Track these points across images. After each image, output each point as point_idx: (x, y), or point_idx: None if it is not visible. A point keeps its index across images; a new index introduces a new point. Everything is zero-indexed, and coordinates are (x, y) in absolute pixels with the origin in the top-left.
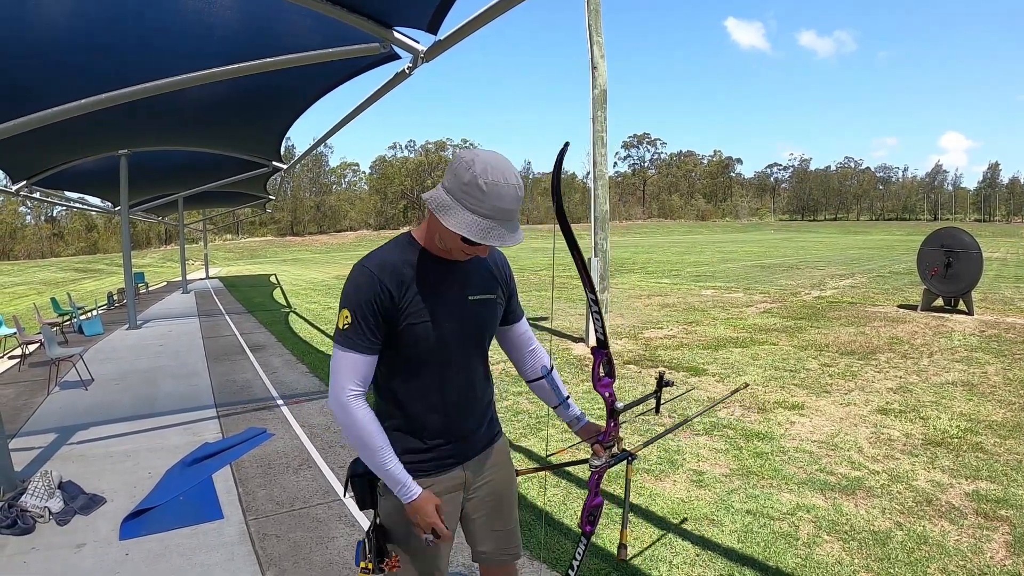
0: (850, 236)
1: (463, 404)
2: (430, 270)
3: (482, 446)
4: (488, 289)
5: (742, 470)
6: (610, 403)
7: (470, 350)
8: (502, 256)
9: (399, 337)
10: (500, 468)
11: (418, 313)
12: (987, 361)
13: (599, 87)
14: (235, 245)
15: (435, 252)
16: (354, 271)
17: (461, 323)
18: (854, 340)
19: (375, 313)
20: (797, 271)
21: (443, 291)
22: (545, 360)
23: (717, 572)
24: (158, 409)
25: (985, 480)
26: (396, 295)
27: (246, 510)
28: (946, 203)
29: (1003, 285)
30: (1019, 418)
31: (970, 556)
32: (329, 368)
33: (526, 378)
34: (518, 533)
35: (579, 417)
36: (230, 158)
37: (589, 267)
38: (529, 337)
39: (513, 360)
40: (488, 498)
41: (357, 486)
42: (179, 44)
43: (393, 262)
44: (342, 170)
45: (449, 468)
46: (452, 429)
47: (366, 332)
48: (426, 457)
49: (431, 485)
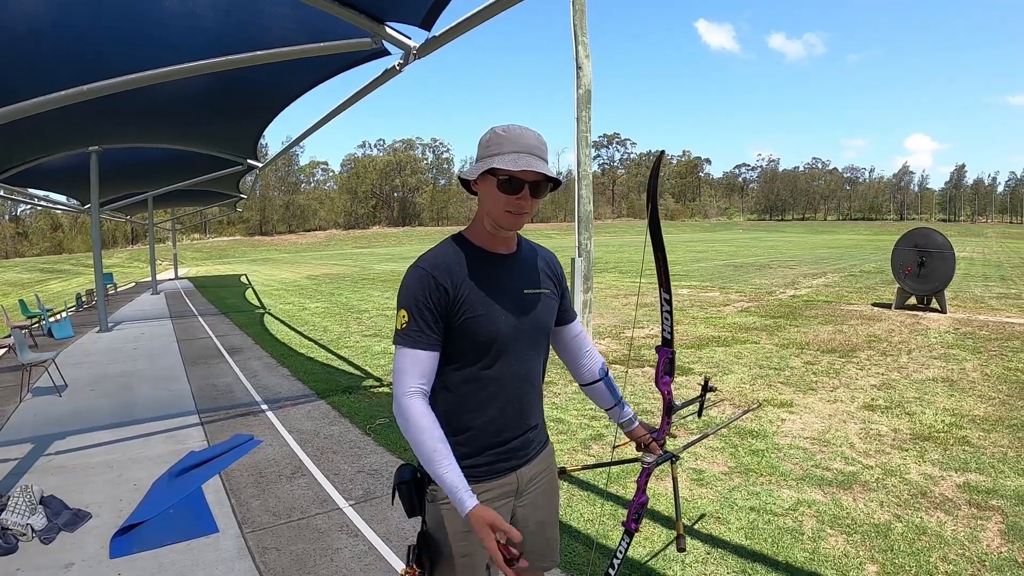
0: (818, 236)
1: (522, 400)
2: (483, 265)
3: (535, 451)
4: (542, 284)
5: (740, 468)
6: (668, 401)
7: (528, 345)
8: (551, 254)
9: (458, 333)
10: (548, 473)
11: (474, 307)
12: (964, 358)
13: (584, 87)
14: (203, 245)
15: (486, 246)
16: (407, 273)
17: (518, 316)
18: (833, 338)
19: (431, 309)
20: (769, 270)
21: (498, 284)
22: (600, 362)
23: (730, 569)
24: (138, 416)
25: (974, 472)
26: (450, 290)
27: (242, 522)
28: (912, 203)
29: (972, 284)
30: (1000, 412)
31: (968, 545)
32: (304, 378)
33: (581, 381)
34: (559, 541)
35: (633, 418)
36: (204, 156)
37: (573, 267)
38: (584, 339)
39: (567, 363)
40: (536, 505)
41: (404, 493)
42: (160, 37)
43: (445, 259)
44: (311, 168)
45: (503, 473)
46: (510, 427)
47: (424, 328)
48: (481, 461)
49: (483, 492)
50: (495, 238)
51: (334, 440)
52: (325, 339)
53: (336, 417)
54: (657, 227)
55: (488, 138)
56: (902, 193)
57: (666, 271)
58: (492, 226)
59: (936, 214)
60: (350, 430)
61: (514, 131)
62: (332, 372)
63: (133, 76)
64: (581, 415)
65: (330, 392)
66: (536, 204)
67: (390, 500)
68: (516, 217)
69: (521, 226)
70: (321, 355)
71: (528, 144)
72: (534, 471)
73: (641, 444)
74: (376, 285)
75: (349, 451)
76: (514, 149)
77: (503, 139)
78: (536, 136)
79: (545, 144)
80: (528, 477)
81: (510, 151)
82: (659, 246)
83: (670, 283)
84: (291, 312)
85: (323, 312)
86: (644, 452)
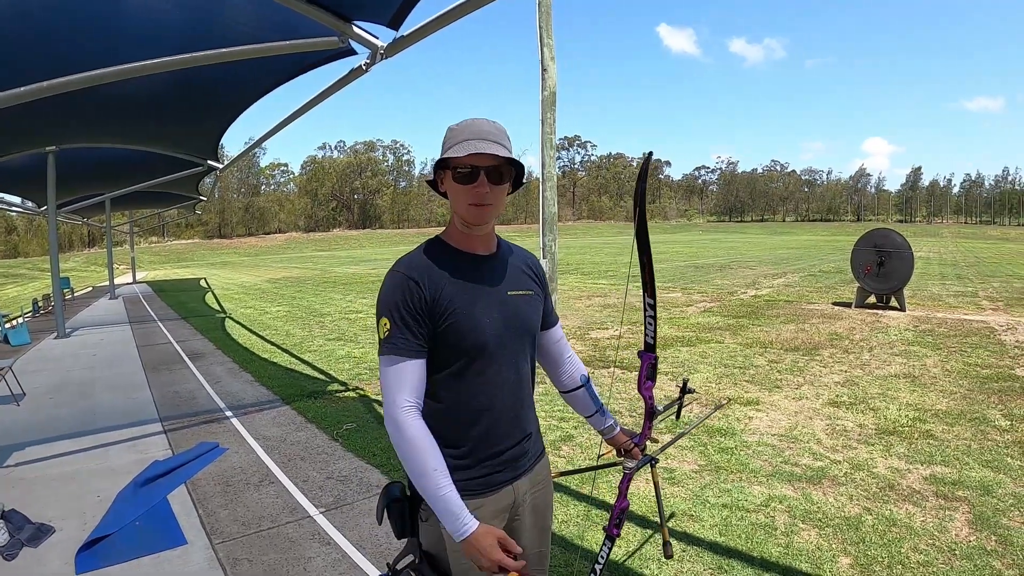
0: (777, 237)
1: (514, 406)
2: (462, 266)
3: (531, 461)
4: (525, 285)
5: (711, 466)
6: (650, 406)
7: (516, 347)
8: (531, 255)
9: (442, 338)
10: (544, 485)
11: (457, 309)
12: (924, 354)
13: (549, 89)
14: (162, 248)
15: (464, 247)
16: (385, 279)
17: (503, 318)
18: (796, 337)
19: (413, 313)
20: (730, 271)
21: (479, 285)
22: (582, 369)
23: (706, 566)
24: (99, 425)
25: (939, 465)
26: (430, 292)
27: (210, 533)
28: (869, 205)
29: (930, 282)
30: (962, 407)
31: (937, 535)
32: (267, 383)
33: (562, 388)
34: (549, 554)
35: (613, 425)
36: (164, 156)
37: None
38: (565, 344)
39: (548, 369)
40: (531, 518)
41: (395, 512)
42: (122, 32)
43: (423, 262)
44: (271, 170)
45: (499, 486)
46: (505, 437)
47: (408, 335)
48: (476, 474)
49: (478, 507)
50: (471, 238)
51: (301, 446)
52: (288, 343)
53: (302, 423)
54: (644, 230)
55: (445, 136)
56: (859, 195)
57: (651, 275)
58: (462, 224)
59: (893, 215)
60: (317, 436)
61: (466, 122)
62: (296, 377)
63: (94, 73)
64: (550, 416)
65: (295, 397)
66: (500, 193)
67: (377, 520)
68: (480, 209)
69: (488, 219)
70: (284, 360)
71: (479, 131)
72: (530, 483)
73: (622, 450)
74: (337, 288)
75: (317, 457)
76: (464, 138)
77: (455, 132)
78: (489, 123)
79: (502, 130)
80: (524, 490)
81: (460, 140)
82: (645, 250)
83: (655, 288)
84: (252, 316)
85: (285, 316)
86: (625, 457)
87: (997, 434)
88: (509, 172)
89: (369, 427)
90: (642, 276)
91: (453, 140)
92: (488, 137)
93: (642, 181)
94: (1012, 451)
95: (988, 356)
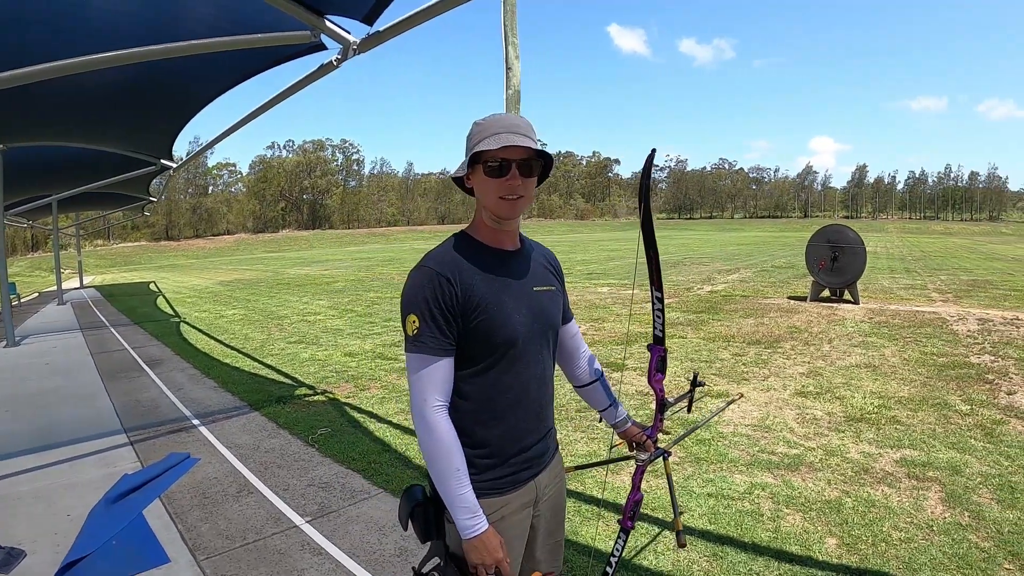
0: (726, 233)
1: (539, 401)
2: (489, 261)
3: (550, 456)
4: (548, 281)
5: (691, 457)
6: (661, 398)
7: (542, 343)
8: (551, 252)
9: (473, 334)
10: (559, 479)
11: (487, 305)
12: (882, 345)
13: (513, 88)
14: (107, 251)
15: (492, 243)
16: (411, 274)
17: (530, 313)
18: (757, 330)
19: (443, 310)
20: (684, 267)
21: (507, 280)
22: (595, 364)
23: (701, 553)
24: (61, 438)
25: (908, 448)
26: (460, 288)
27: (193, 549)
28: (816, 202)
29: (880, 276)
30: (924, 393)
31: (914, 513)
32: (232, 389)
33: (577, 383)
34: (563, 544)
35: (627, 418)
36: (116, 155)
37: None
38: (580, 339)
39: (563, 363)
40: (549, 512)
41: (420, 516)
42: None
43: (452, 257)
44: (219, 170)
45: (524, 483)
46: (531, 433)
47: (437, 333)
48: (505, 472)
49: (504, 505)
50: (499, 233)
51: (276, 453)
52: (248, 347)
53: (274, 429)
54: (650, 226)
55: (471, 132)
56: (806, 192)
57: (658, 269)
58: (491, 219)
59: (839, 211)
60: (291, 442)
61: (494, 117)
62: (261, 382)
63: (47, 66)
64: None
65: (263, 403)
66: (530, 186)
67: (402, 525)
68: (511, 203)
69: (518, 212)
70: (247, 364)
71: (509, 124)
72: (548, 478)
73: (634, 443)
74: (292, 290)
75: (295, 464)
76: (495, 131)
77: (484, 126)
78: (518, 117)
79: (528, 124)
80: (544, 484)
81: (491, 134)
82: (651, 244)
83: (662, 281)
84: (208, 320)
85: (242, 319)
86: (638, 450)
87: (959, 418)
88: (538, 165)
89: (344, 431)
90: (649, 271)
91: (483, 134)
92: (518, 130)
93: (646, 177)
94: (975, 433)
95: (943, 345)
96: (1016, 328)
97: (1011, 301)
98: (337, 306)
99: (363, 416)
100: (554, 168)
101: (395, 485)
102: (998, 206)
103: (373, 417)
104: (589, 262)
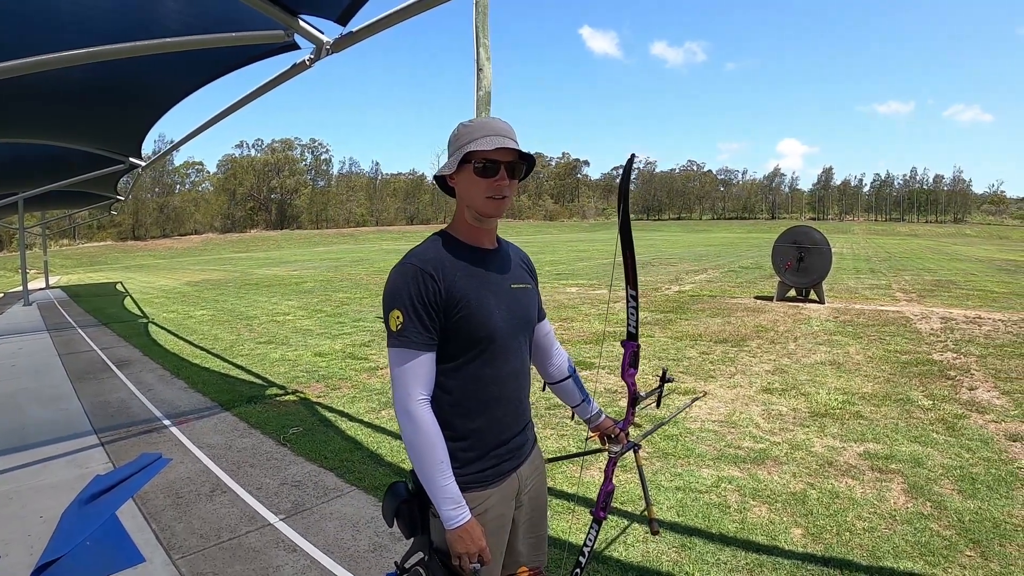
0: (695, 234)
1: (518, 395)
2: (470, 259)
3: (530, 448)
4: (524, 279)
5: (658, 452)
6: (633, 392)
7: (519, 339)
8: (524, 252)
9: (454, 329)
10: (539, 471)
11: (469, 301)
12: (847, 343)
13: (484, 88)
14: (73, 251)
15: (472, 242)
16: (394, 272)
17: (509, 309)
18: (723, 329)
19: (426, 305)
20: (652, 267)
21: (488, 279)
22: (568, 361)
23: (669, 545)
24: (30, 440)
25: (871, 442)
26: (442, 284)
27: (168, 548)
28: (783, 203)
29: (845, 276)
30: (886, 389)
31: (877, 504)
32: (202, 389)
33: (550, 380)
34: (546, 539)
35: (599, 412)
36: (83, 153)
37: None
38: (553, 337)
39: (537, 361)
40: (531, 503)
41: (405, 513)
42: (45, 20)
43: (435, 254)
44: (186, 169)
45: (506, 475)
46: (510, 426)
47: (421, 328)
48: (487, 464)
49: (488, 498)
50: (479, 232)
51: (248, 453)
52: (217, 348)
53: (246, 429)
54: (627, 227)
55: (458, 132)
56: (774, 193)
57: (634, 269)
58: (474, 217)
59: (806, 213)
60: (263, 441)
61: (481, 120)
62: (232, 382)
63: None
64: None
65: (234, 403)
66: (514, 187)
67: (387, 522)
68: (498, 203)
69: (502, 212)
70: (216, 365)
71: (498, 128)
72: (529, 470)
73: (606, 436)
74: (261, 291)
75: (267, 463)
76: (485, 134)
77: (472, 128)
78: (503, 122)
79: (512, 129)
80: (525, 476)
81: (481, 136)
82: (628, 245)
83: (637, 281)
84: (176, 320)
85: (210, 320)
86: (611, 443)
87: (921, 412)
88: (522, 168)
89: (316, 430)
90: (625, 270)
91: (473, 135)
92: (508, 134)
93: (626, 181)
94: (936, 427)
95: (906, 343)
96: (978, 326)
97: (974, 300)
98: (306, 306)
99: (334, 415)
100: (532, 171)
101: (368, 482)
102: (963, 208)
103: (344, 416)
104: (558, 263)
